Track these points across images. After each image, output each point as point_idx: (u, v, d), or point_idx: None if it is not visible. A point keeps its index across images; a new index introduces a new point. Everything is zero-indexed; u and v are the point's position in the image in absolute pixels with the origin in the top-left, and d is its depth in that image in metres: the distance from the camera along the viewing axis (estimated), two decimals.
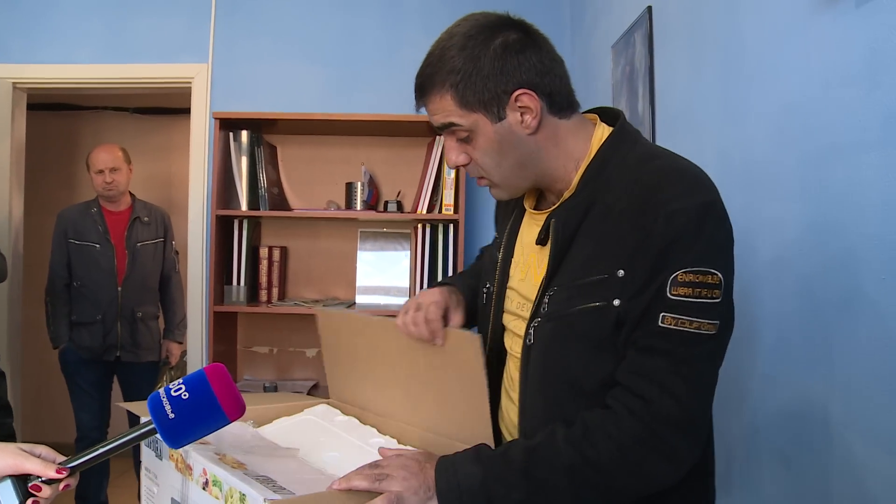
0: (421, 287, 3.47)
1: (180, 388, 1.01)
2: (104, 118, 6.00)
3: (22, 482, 0.99)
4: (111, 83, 3.86)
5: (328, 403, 1.63)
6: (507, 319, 1.34)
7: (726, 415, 1.69)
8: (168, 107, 5.80)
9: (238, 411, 1.04)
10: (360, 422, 1.53)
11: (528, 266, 1.29)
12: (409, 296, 3.58)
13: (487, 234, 3.76)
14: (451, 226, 3.45)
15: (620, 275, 1.11)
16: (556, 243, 1.19)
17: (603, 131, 1.26)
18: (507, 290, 1.34)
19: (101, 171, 3.83)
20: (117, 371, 3.90)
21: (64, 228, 3.84)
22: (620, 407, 1.09)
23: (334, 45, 3.80)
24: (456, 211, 3.37)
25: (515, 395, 1.28)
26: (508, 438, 1.33)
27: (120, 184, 3.87)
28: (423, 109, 1.25)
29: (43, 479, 0.99)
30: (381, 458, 1.16)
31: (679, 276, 1.07)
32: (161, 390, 1.01)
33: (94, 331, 3.74)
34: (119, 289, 3.80)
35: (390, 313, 3.38)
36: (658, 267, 1.08)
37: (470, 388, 1.26)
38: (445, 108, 1.18)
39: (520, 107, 1.17)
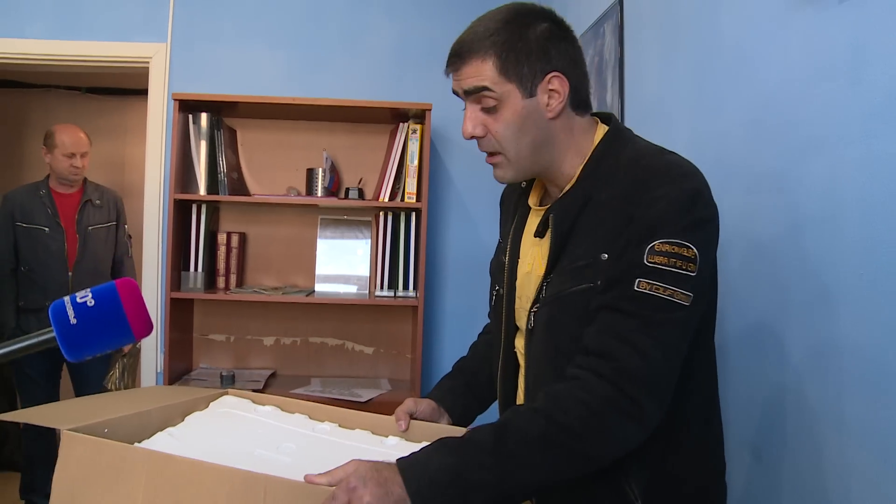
0: (381, 276, 3.42)
1: (86, 296, 0.93)
2: (54, 97, 5.84)
3: None
4: (63, 60, 3.71)
5: (230, 394, 1.60)
6: (520, 317, 1.38)
7: None
8: (122, 87, 5.66)
9: (145, 331, 0.96)
10: (283, 410, 1.51)
11: (534, 259, 1.35)
12: (369, 284, 3.54)
13: (449, 223, 3.75)
14: (413, 214, 3.41)
15: (604, 258, 1.18)
16: (555, 236, 1.26)
17: (602, 132, 1.32)
18: (517, 289, 1.39)
19: (72, 155, 3.71)
20: (67, 360, 3.77)
21: (10, 211, 3.70)
22: (587, 373, 1.13)
23: (297, 27, 3.73)
24: (419, 199, 3.33)
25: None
26: None
27: (85, 169, 3.78)
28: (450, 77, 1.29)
29: None
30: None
31: (656, 246, 1.12)
32: (66, 298, 0.93)
33: (42, 317, 3.61)
34: (69, 274, 3.69)
35: (350, 302, 3.38)
36: (637, 241, 1.14)
37: None
38: (483, 73, 1.23)
39: (550, 89, 1.24)
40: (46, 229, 3.68)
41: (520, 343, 1.38)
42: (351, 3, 3.74)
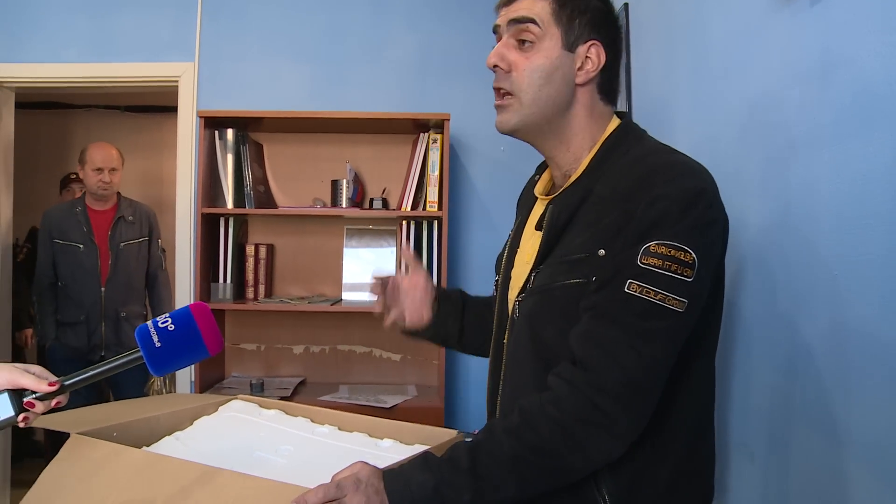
0: None
1: (167, 321, 1.08)
2: (95, 116, 6.04)
3: (17, 396, 1.06)
4: (97, 82, 3.85)
5: (238, 399, 1.67)
6: (511, 309, 1.34)
7: None
8: (159, 105, 5.82)
9: (217, 346, 1.11)
10: (287, 413, 1.57)
11: (533, 250, 1.30)
12: None
13: (471, 230, 3.79)
14: (436, 222, 3.47)
15: (601, 254, 1.14)
16: (549, 227, 1.23)
17: (615, 125, 1.31)
18: (511, 280, 1.37)
19: (100, 170, 3.85)
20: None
21: (49, 228, 3.85)
22: (560, 383, 1.10)
23: (320, 42, 3.81)
24: (440, 208, 3.38)
25: None
26: None
27: (115, 184, 3.91)
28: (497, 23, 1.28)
29: (37, 394, 1.06)
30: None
31: (651, 247, 1.08)
32: (149, 323, 1.08)
33: (78, 331, 3.77)
34: (102, 289, 3.82)
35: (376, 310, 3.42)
36: (633, 241, 1.10)
37: None
38: (536, 9, 1.23)
39: (587, 55, 1.24)
40: (81, 246, 3.82)
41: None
42: (371, 16, 3.82)
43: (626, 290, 1.08)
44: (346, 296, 3.61)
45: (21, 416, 1.05)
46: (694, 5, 1.93)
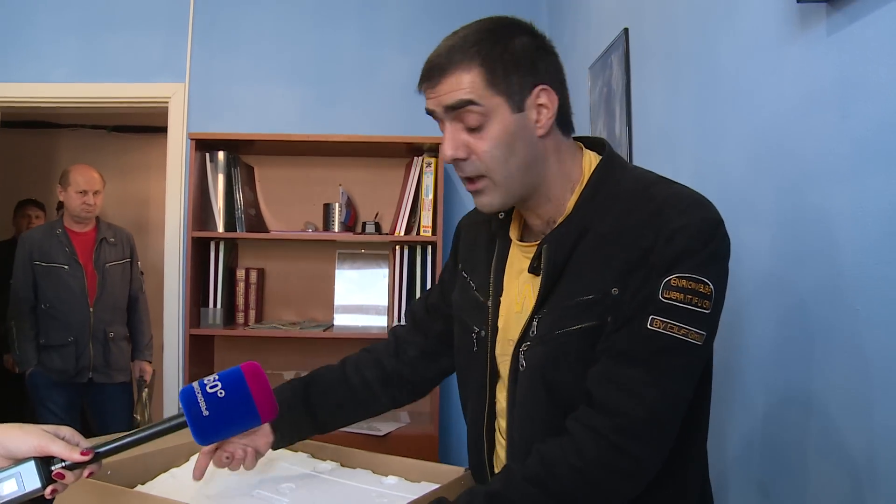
0: (399, 309, 3.44)
1: (216, 385, 0.98)
2: (82, 136, 5.98)
3: (45, 465, 0.97)
4: (87, 102, 3.82)
5: None
6: (501, 363, 1.27)
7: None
8: (146, 125, 5.77)
9: (272, 413, 1.01)
10: (287, 448, 1.51)
11: (524, 297, 1.23)
12: (389, 314, 3.55)
13: None
14: (430, 247, 3.43)
15: (615, 293, 1.08)
16: (548, 270, 1.15)
17: (591, 158, 1.23)
18: (500, 330, 1.27)
19: (84, 192, 3.78)
20: (87, 392, 3.81)
21: (28, 251, 3.76)
22: (582, 430, 1.06)
23: (312, 65, 3.79)
24: (434, 233, 3.35)
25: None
26: None
27: (98, 207, 3.85)
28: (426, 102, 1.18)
29: (66, 463, 0.97)
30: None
31: (672, 281, 1.04)
32: (196, 385, 0.99)
33: (65, 353, 3.67)
34: (91, 310, 3.74)
35: (369, 336, 3.39)
36: (654, 277, 1.06)
37: None
38: (468, 85, 1.11)
39: (538, 104, 1.14)
40: (66, 267, 3.74)
41: (501, 392, 1.26)
42: (363, 39, 3.80)
43: (648, 326, 1.04)
44: (338, 320, 3.57)
45: (49, 489, 0.96)
46: (700, 31, 1.91)
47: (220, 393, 0.97)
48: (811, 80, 1.37)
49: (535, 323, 1.16)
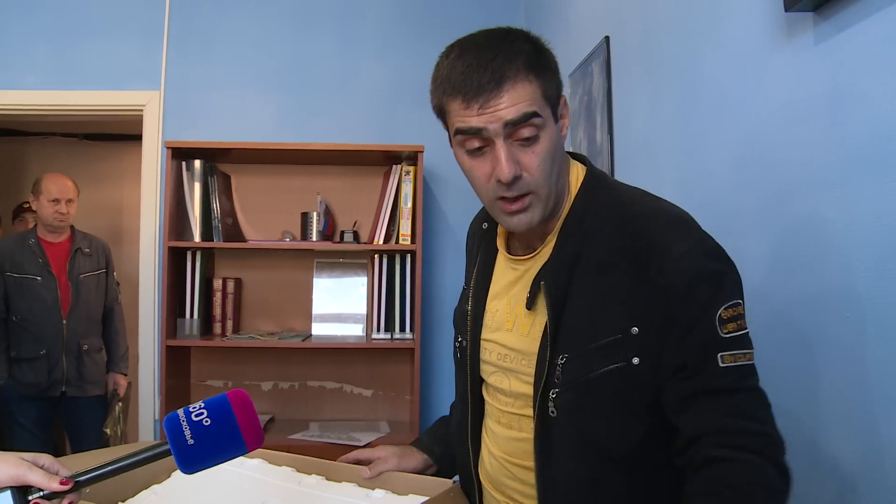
0: (378, 318, 3.42)
1: (202, 414, 0.95)
2: (53, 144, 5.90)
3: (22, 495, 0.92)
4: (60, 110, 3.75)
5: None
6: (486, 371, 1.29)
7: None
8: (120, 133, 5.70)
9: (257, 442, 0.98)
10: (270, 463, 1.48)
11: (514, 319, 1.23)
12: (367, 323, 3.53)
13: (445, 264, 3.74)
14: (409, 256, 3.41)
15: (635, 332, 1.07)
16: (553, 307, 1.13)
17: (578, 170, 1.23)
18: (482, 342, 1.30)
19: (56, 201, 3.70)
20: (61, 406, 3.72)
21: None
22: (742, 454, 1.01)
23: (289, 73, 3.76)
24: (413, 241, 3.33)
25: (500, 451, 1.26)
26: (491, 490, 1.31)
27: (71, 216, 3.77)
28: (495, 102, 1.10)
29: (44, 492, 0.93)
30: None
31: (723, 314, 1.04)
32: (180, 412, 0.95)
33: (37, 366, 3.59)
34: (64, 322, 3.66)
35: (347, 345, 3.35)
36: (685, 308, 1.05)
37: None
38: (530, 97, 1.08)
39: (563, 113, 1.16)
40: (39, 278, 3.66)
41: (491, 398, 1.29)
42: (341, 47, 3.78)
43: (721, 365, 1.04)
44: (316, 330, 3.53)
45: None
46: (683, 40, 1.91)
47: (206, 421, 0.94)
48: (799, 89, 1.37)
49: (559, 369, 1.13)
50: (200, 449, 0.94)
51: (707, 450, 1.03)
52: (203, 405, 0.96)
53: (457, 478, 1.42)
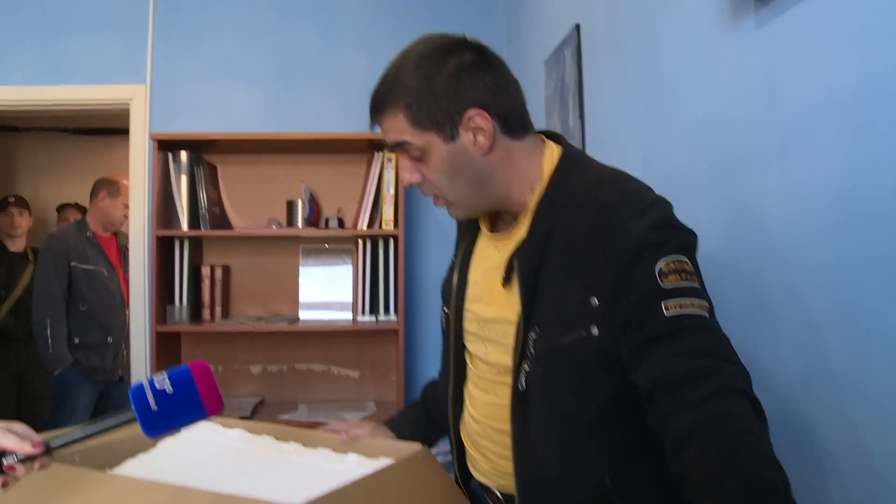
0: (363, 302, 3.50)
1: (164, 383, 1.03)
2: (41, 139, 5.93)
3: None
4: (47, 105, 3.81)
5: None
6: (468, 340, 1.37)
7: None
8: (108, 127, 5.75)
9: (217, 408, 1.07)
10: (251, 433, 1.56)
11: (492, 292, 1.29)
12: (353, 307, 3.61)
13: (427, 248, 3.82)
14: (392, 240, 3.49)
15: (594, 303, 1.11)
16: (525, 285, 1.18)
17: (553, 152, 1.28)
18: (465, 312, 1.37)
19: (127, 205, 3.89)
20: (112, 391, 3.92)
21: (65, 251, 3.83)
22: (702, 411, 0.98)
23: (273, 63, 3.82)
24: (396, 226, 3.41)
25: (478, 414, 1.33)
26: (470, 448, 1.39)
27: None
28: (376, 128, 1.26)
29: (18, 457, 0.99)
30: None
31: (663, 268, 1.05)
32: (145, 382, 1.03)
33: (103, 353, 3.83)
34: (127, 312, 3.87)
35: (333, 328, 3.43)
36: (629, 272, 1.07)
37: None
38: (398, 127, 1.20)
39: (472, 127, 1.19)
40: (105, 271, 3.89)
41: (472, 364, 1.37)
42: (323, 38, 3.84)
43: (666, 313, 1.04)
44: (303, 315, 3.61)
45: (0, 480, 0.98)
46: (644, 26, 1.98)
47: (169, 390, 1.02)
48: (742, 71, 1.45)
49: (530, 343, 1.17)
50: (163, 415, 1.02)
51: (669, 422, 1.00)
52: (166, 375, 1.04)
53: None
